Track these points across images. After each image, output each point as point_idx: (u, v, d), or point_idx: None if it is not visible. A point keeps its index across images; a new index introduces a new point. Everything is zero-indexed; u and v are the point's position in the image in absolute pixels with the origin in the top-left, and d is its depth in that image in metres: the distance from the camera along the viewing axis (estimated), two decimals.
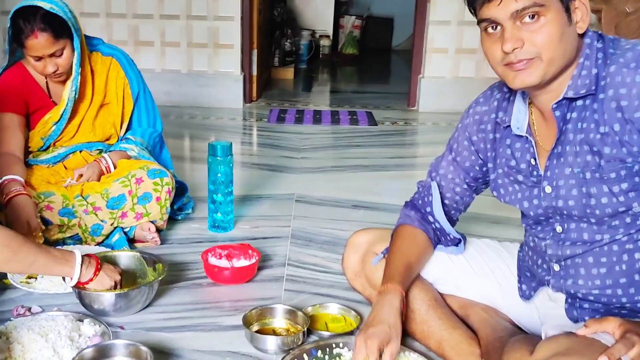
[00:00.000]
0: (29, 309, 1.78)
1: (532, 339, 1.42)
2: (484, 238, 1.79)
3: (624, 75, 1.26)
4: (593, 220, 1.37)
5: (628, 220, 1.33)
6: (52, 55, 2.08)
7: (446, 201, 1.66)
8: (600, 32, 1.35)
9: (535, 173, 1.44)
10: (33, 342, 1.54)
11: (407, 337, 1.62)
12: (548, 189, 1.41)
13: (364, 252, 1.78)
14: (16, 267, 1.58)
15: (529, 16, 1.26)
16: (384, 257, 1.68)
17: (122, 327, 1.71)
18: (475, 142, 1.58)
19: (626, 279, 1.37)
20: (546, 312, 1.55)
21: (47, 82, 2.22)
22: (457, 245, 1.68)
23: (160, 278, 1.79)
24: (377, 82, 5.94)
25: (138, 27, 4.38)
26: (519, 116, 1.45)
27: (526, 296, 1.59)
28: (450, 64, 4.45)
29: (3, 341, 1.57)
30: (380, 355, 1.40)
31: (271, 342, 1.61)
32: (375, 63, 7.12)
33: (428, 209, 1.65)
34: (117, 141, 2.35)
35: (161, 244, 2.22)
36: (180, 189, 2.39)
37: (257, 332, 1.67)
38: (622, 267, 1.37)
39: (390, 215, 2.51)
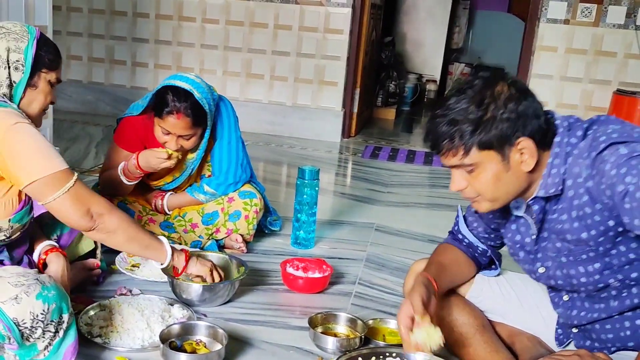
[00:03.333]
0: (130, 291, 2.11)
1: None
2: None
3: (580, 165, 1.40)
4: (583, 295, 1.56)
5: (614, 293, 1.50)
6: (180, 136, 2.28)
7: (476, 232, 1.80)
8: (571, 119, 1.46)
9: (533, 251, 1.61)
10: (131, 315, 1.87)
11: (454, 358, 1.81)
12: (542, 270, 1.61)
13: None
14: (134, 247, 1.86)
15: (465, 170, 1.46)
16: None
17: (205, 315, 2.00)
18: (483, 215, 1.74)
19: (634, 342, 1.51)
20: None
21: None
22: (490, 265, 1.85)
23: (242, 277, 2.09)
24: None
25: (251, 61, 4.81)
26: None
27: (559, 341, 1.75)
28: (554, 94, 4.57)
29: (106, 312, 1.90)
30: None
31: (331, 343, 1.85)
32: None
33: (456, 229, 1.84)
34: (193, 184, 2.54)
35: (247, 252, 2.52)
36: (267, 209, 2.66)
37: (320, 333, 1.92)
38: (627, 333, 1.52)
39: None
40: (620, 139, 1.35)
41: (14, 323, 1.46)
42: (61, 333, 1.55)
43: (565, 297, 1.63)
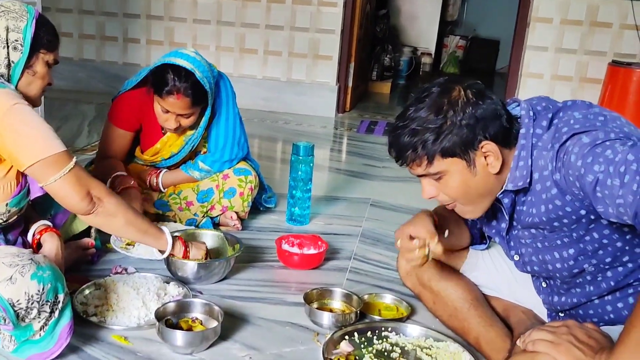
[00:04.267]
0: (126, 269, 2.11)
1: None
2: None
3: (545, 157, 1.39)
4: (558, 282, 1.56)
5: (589, 278, 1.50)
6: (179, 115, 2.26)
7: None
8: (536, 107, 1.45)
9: (506, 240, 1.63)
10: (126, 294, 1.87)
11: (449, 332, 1.83)
12: (516, 257, 1.62)
13: None
14: (133, 232, 1.86)
15: (432, 178, 1.46)
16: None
17: (200, 292, 2.01)
18: None
19: (621, 322, 1.50)
20: None
21: None
22: (484, 240, 1.85)
23: (237, 254, 2.09)
24: None
25: (245, 36, 4.77)
26: None
27: (552, 318, 1.75)
28: (544, 90, 4.55)
29: (101, 291, 1.90)
30: None
31: (327, 318, 1.86)
32: (482, 78, 7.23)
33: None
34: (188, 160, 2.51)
35: (242, 230, 2.52)
36: (262, 186, 2.66)
37: (315, 309, 1.92)
38: (611, 316, 1.53)
39: None
40: (581, 129, 1.33)
41: (9, 304, 1.46)
42: (57, 313, 1.55)
43: (544, 284, 1.65)
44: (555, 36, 4.48)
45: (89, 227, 2.17)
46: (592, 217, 1.39)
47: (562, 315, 1.66)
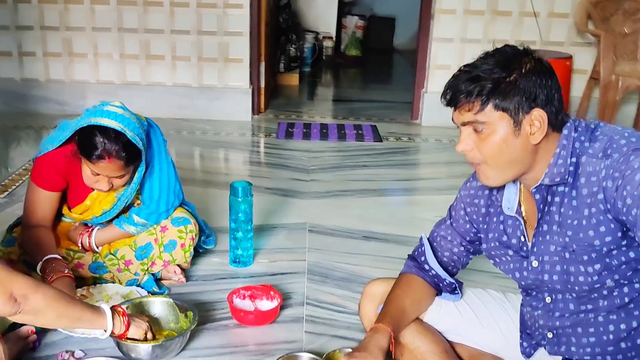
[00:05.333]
0: (73, 354, 1.93)
1: None
2: (489, 289, 1.94)
3: (594, 165, 1.39)
4: (574, 295, 1.53)
5: (605, 293, 1.48)
6: (112, 176, 2.08)
7: (445, 259, 1.80)
8: (577, 121, 1.47)
9: (524, 248, 1.59)
10: None
11: None
12: (535, 263, 1.56)
13: (379, 302, 1.92)
14: (65, 322, 1.71)
15: (476, 128, 1.42)
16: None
17: None
18: (469, 213, 1.73)
19: (613, 347, 1.51)
20: None
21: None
22: (453, 291, 1.83)
23: (192, 327, 1.94)
24: (380, 88, 6.06)
25: (149, 42, 4.48)
26: (510, 197, 1.59)
27: (526, 353, 1.74)
28: None
29: None
30: None
31: None
32: (378, 65, 7.22)
33: (423, 259, 1.80)
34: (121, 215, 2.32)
35: (186, 282, 2.36)
36: (200, 228, 2.50)
37: None
38: (610, 337, 1.51)
39: (400, 248, 2.69)
40: None
41: None
42: None
43: (548, 299, 1.59)
44: (460, 27, 4.49)
45: None
46: (628, 237, 1.39)
47: (551, 336, 1.61)
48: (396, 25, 8.09)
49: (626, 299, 1.47)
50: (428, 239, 1.82)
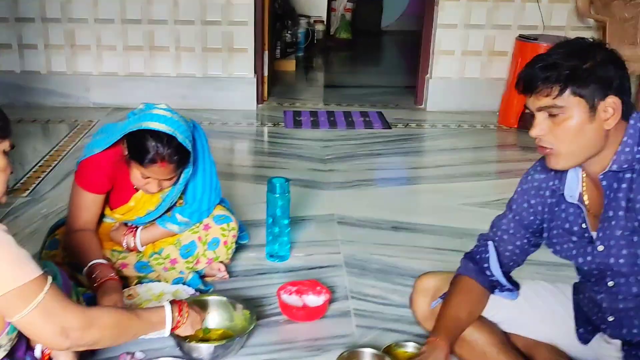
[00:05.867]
0: (133, 355, 1.93)
1: None
2: (538, 280, 1.98)
3: None
4: (638, 278, 1.57)
5: None
6: (162, 179, 2.09)
7: (507, 255, 1.82)
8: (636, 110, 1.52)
9: (586, 235, 1.63)
10: None
11: None
12: (600, 248, 1.60)
13: (432, 297, 1.96)
14: (124, 339, 1.67)
15: (552, 112, 1.47)
16: (441, 302, 1.87)
17: None
18: (533, 205, 1.75)
19: None
20: (604, 352, 1.76)
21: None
22: (511, 291, 1.87)
23: (252, 327, 1.96)
24: (377, 72, 6.09)
25: (153, 33, 4.41)
26: (572, 185, 1.63)
27: (584, 339, 1.79)
28: (456, 65, 4.61)
29: None
30: None
31: None
32: (369, 47, 7.24)
33: (485, 265, 1.83)
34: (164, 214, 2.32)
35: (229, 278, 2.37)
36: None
37: None
38: None
39: (430, 238, 2.75)
40: None
41: None
42: None
43: (611, 283, 1.62)
44: (463, 13, 4.51)
45: None
46: None
47: (612, 319, 1.65)
48: (383, 7, 8.09)
49: None
50: (489, 235, 1.84)
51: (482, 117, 4.53)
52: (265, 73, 4.69)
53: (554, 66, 1.45)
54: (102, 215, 2.30)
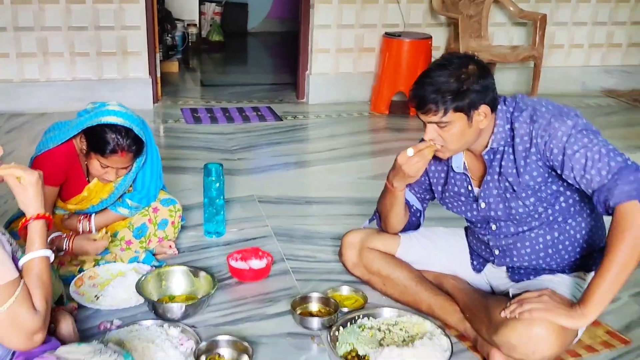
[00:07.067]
0: (112, 322, 2.16)
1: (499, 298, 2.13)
2: (438, 226, 2.46)
3: (525, 128, 1.93)
4: (515, 221, 2.09)
5: (536, 216, 2.05)
6: (120, 168, 2.30)
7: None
8: (502, 97, 1.99)
9: (471, 195, 2.13)
10: (147, 348, 1.96)
11: (406, 308, 2.26)
12: (483, 205, 2.10)
13: (359, 249, 2.39)
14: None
15: (440, 125, 1.92)
16: (369, 223, 2.37)
17: (194, 326, 2.16)
18: (430, 177, 2.23)
19: (543, 252, 2.09)
20: (493, 276, 2.27)
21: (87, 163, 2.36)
22: (417, 220, 2.34)
23: (216, 288, 2.26)
24: (256, 71, 6.41)
25: (47, 39, 4.45)
26: (457, 160, 2.10)
27: (477, 269, 2.30)
28: (332, 62, 5.06)
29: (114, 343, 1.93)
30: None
31: (317, 322, 2.17)
32: (239, 49, 7.53)
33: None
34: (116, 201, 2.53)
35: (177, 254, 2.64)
36: None
37: (300, 314, 2.21)
38: (540, 246, 2.08)
39: (338, 207, 3.17)
40: (560, 114, 1.88)
41: None
42: None
43: (494, 227, 2.11)
44: (336, 14, 4.94)
45: (61, 296, 2.14)
46: (555, 175, 1.92)
47: (498, 252, 2.14)
48: (249, 11, 8.42)
49: (550, 218, 2.04)
50: None
51: (357, 106, 5.03)
52: (159, 74, 4.88)
53: (439, 92, 1.84)
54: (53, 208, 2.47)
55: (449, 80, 1.86)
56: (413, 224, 2.34)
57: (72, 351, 1.58)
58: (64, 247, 2.35)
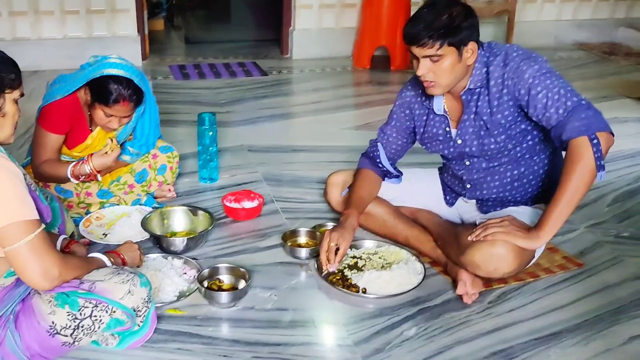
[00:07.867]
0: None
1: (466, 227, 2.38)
2: (415, 167, 2.69)
3: (499, 71, 2.14)
4: (487, 157, 2.32)
5: (506, 152, 2.28)
6: (122, 116, 2.46)
7: (392, 150, 2.50)
8: (482, 42, 2.19)
9: (449, 135, 2.34)
10: (155, 276, 2.19)
11: (385, 239, 2.51)
12: (459, 142, 2.33)
13: (341, 188, 2.61)
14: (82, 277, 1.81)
15: (433, 59, 2.10)
16: (349, 190, 2.53)
17: (196, 259, 2.39)
18: (408, 114, 2.43)
19: (510, 186, 2.34)
20: (464, 210, 2.52)
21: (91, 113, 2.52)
22: (397, 177, 2.57)
23: (214, 224, 2.49)
24: (239, 28, 6.51)
25: None
26: (438, 102, 2.30)
27: (450, 203, 2.54)
28: (315, 18, 5.22)
29: None
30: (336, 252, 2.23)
31: (305, 252, 2.41)
32: (222, 5, 7.60)
33: (378, 160, 2.49)
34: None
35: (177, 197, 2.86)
36: None
37: (290, 246, 2.45)
38: (508, 180, 2.33)
39: (323, 155, 3.39)
40: (528, 58, 2.08)
41: (134, 311, 1.77)
42: (149, 304, 1.88)
43: (467, 163, 2.33)
44: None
45: (72, 233, 2.36)
46: (523, 114, 2.13)
47: (469, 186, 2.36)
48: None
49: (518, 155, 2.27)
50: (378, 139, 2.50)
51: (340, 61, 5.22)
52: (147, 31, 5.02)
53: (432, 26, 2.00)
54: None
55: (440, 18, 2.03)
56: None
57: (92, 274, 1.81)
58: (87, 170, 2.53)
